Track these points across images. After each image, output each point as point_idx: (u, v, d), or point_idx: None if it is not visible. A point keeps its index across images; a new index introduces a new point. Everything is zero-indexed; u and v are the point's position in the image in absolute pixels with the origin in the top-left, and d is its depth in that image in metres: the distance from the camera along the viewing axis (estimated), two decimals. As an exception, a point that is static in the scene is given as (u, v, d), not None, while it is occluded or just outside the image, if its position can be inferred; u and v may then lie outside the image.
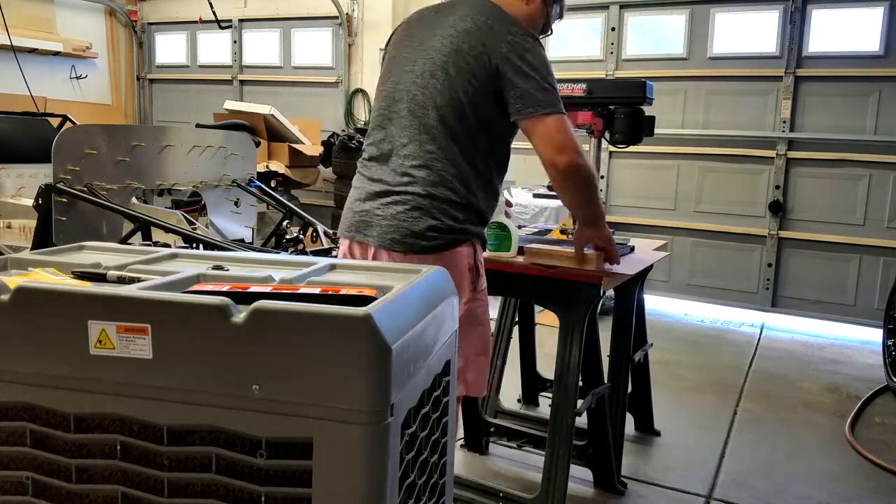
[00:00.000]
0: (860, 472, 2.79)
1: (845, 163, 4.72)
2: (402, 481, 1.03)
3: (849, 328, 4.77)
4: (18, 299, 1.00)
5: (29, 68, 5.69)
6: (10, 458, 1.04)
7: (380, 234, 1.84)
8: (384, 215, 1.84)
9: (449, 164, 1.84)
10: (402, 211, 1.82)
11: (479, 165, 1.89)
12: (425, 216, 1.81)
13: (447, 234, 1.82)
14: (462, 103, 1.84)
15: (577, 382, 2.18)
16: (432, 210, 1.81)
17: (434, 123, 1.85)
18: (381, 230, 1.84)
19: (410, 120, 1.88)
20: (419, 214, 1.81)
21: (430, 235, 1.80)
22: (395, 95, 1.94)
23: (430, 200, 1.82)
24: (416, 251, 1.80)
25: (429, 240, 1.80)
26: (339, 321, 0.91)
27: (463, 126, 1.85)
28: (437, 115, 1.85)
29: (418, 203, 1.82)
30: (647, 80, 2.53)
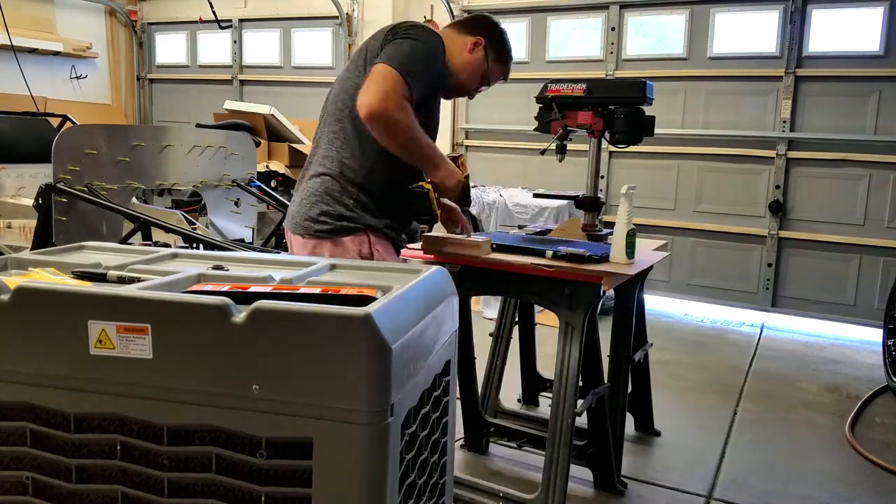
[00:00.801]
0: (860, 472, 2.79)
1: (845, 163, 4.72)
2: (402, 481, 1.03)
3: (849, 328, 4.76)
4: (18, 299, 1.00)
5: (29, 68, 5.69)
6: (10, 458, 1.04)
7: (289, 219, 2.10)
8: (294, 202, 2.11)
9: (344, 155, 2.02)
10: (303, 198, 2.06)
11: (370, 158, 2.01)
12: (319, 203, 2.01)
13: (338, 220, 1.99)
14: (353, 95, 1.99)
15: (577, 382, 2.18)
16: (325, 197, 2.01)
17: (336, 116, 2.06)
18: (290, 216, 2.10)
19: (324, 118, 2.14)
20: (314, 201, 2.02)
21: (322, 220, 2.00)
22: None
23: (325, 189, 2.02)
24: (311, 234, 2.00)
25: (321, 224, 1.99)
26: (339, 321, 0.91)
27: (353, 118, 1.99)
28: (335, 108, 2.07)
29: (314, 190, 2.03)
30: (647, 80, 2.53)
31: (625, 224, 2.19)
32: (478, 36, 2.17)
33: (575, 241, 2.40)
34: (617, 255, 2.19)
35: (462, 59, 2.15)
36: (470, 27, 2.20)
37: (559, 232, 2.65)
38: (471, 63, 2.16)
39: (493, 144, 5.81)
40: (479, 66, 2.18)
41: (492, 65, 2.19)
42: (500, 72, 2.25)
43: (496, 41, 2.20)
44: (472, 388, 2.71)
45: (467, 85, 2.22)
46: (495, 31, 2.21)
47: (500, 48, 2.21)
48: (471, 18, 2.27)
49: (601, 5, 5.36)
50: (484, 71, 2.19)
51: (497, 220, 4.99)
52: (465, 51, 2.15)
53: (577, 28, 5.56)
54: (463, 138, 5.92)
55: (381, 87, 1.85)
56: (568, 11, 5.53)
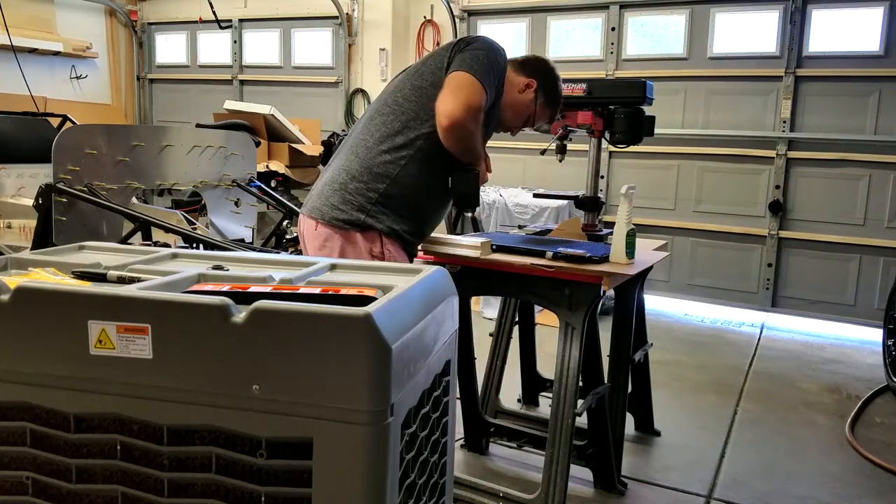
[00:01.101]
0: (860, 472, 2.79)
1: (845, 163, 4.72)
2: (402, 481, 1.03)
3: (849, 328, 4.76)
4: (18, 299, 1.00)
5: (29, 68, 5.69)
6: (10, 458, 1.04)
7: (308, 202, 2.12)
8: (316, 185, 2.14)
9: (381, 149, 2.04)
10: (326, 183, 2.08)
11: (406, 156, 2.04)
12: (342, 191, 2.03)
13: (356, 213, 2.00)
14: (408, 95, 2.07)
15: (577, 382, 2.18)
16: (348, 187, 2.03)
17: (382, 112, 2.09)
18: (309, 198, 2.12)
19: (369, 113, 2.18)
20: (337, 187, 2.04)
21: (341, 208, 2.01)
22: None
23: (350, 179, 2.04)
24: (326, 221, 2.02)
25: (339, 211, 2.01)
26: (339, 321, 0.91)
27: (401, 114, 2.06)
28: (383, 104, 2.11)
29: (340, 179, 2.05)
30: (647, 80, 2.53)
31: (625, 224, 2.19)
32: (531, 78, 2.20)
33: (575, 242, 2.40)
34: (617, 255, 2.19)
35: (512, 98, 2.18)
36: (525, 67, 2.23)
37: (559, 232, 2.65)
38: (520, 103, 2.20)
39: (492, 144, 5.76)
40: (527, 107, 2.22)
41: (539, 108, 2.23)
42: (546, 115, 2.28)
43: (549, 86, 2.23)
44: (472, 388, 2.71)
45: (511, 122, 2.25)
46: (549, 76, 2.24)
47: (552, 93, 2.25)
48: (528, 59, 2.28)
49: (601, 5, 5.36)
50: (530, 113, 2.23)
51: (497, 220, 4.99)
52: (515, 90, 2.18)
53: (577, 28, 5.56)
54: (463, 138, 5.91)
55: (466, 95, 1.93)
56: (568, 11, 5.53)
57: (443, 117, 1.94)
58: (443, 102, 1.95)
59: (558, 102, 2.29)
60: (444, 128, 1.95)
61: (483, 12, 5.85)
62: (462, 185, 2.12)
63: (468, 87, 1.94)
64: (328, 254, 2.01)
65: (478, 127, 2.01)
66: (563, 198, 3.43)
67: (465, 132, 1.97)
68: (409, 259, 2.14)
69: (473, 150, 2.06)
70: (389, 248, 2.04)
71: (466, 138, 2.00)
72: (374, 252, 2.01)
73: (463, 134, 1.97)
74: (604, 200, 3.89)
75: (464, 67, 1.96)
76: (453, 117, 1.93)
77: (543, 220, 4.80)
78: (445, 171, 2.09)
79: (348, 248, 2.00)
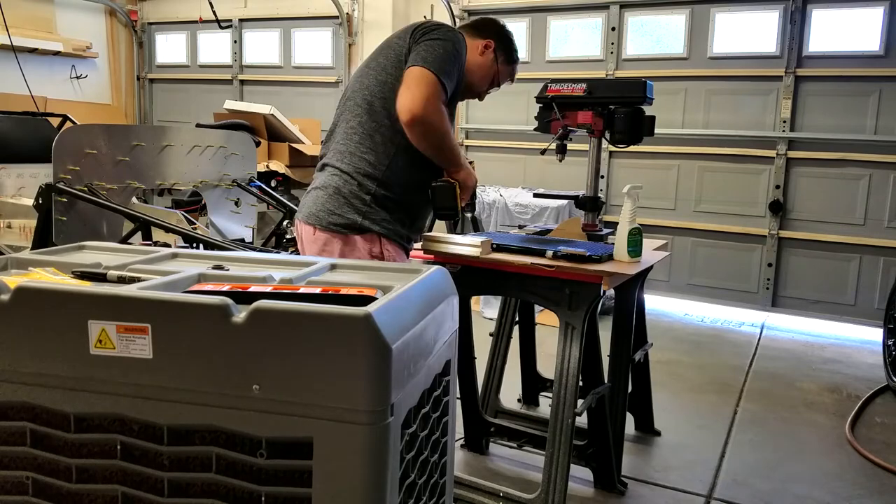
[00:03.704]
0: (860, 471, 2.79)
1: (845, 163, 4.72)
2: (402, 481, 1.03)
3: (849, 328, 4.76)
4: (18, 299, 1.00)
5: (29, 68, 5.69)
6: (10, 458, 1.04)
7: (303, 209, 2.10)
8: (309, 192, 2.12)
9: (362, 151, 2.04)
10: (319, 188, 2.07)
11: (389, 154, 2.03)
12: (337, 195, 2.02)
13: (352, 217, 2.00)
14: (375, 92, 2.04)
15: (577, 382, 2.18)
16: (342, 190, 2.02)
17: (354, 112, 2.09)
18: (304, 205, 2.11)
19: (341, 112, 2.18)
20: (331, 192, 2.03)
21: (338, 213, 2.01)
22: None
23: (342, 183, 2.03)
24: (323, 226, 2.01)
25: (337, 216, 2.00)
26: (339, 321, 0.91)
27: (373, 114, 2.04)
28: (353, 103, 2.10)
29: (332, 184, 2.04)
30: (647, 79, 2.53)
31: (628, 223, 2.20)
32: (487, 39, 2.22)
33: (575, 241, 2.40)
34: (619, 254, 2.19)
35: (474, 62, 2.20)
36: (479, 30, 2.24)
37: (559, 232, 2.65)
38: (482, 65, 2.22)
39: (493, 144, 5.81)
40: (490, 67, 2.23)
41: (501, 66, 2.25)
42: (507, 73, 2.30)
43: (505, 43, 2.25)
44: (472, 387, 2.71)
45: (478, 86, 2.26)
46: (503, 34, 2.26)
47: (509, 50, 2.27)
48: (480, 22, 2.29)
49: (601, 5, 5.35)
50: (494, 72, 2.25)
51: (497, 220, 4.99)
52: (476, 53, 2.20)
53: (577, 28, 5.56)
54: (463, 138, 5.92)
55: (421, 91, 1.91)
56: (568, 11, 5.53)
57: (402, 114, 1.92)
58: (401, 99, 1.93)
59: (516, 57, 2.31)
60: (405, 124, 1.93)
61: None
62: (438, 198, 2.10)
63: (422, 82, 1.92)
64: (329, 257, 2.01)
65: (443, 119, 1.97)
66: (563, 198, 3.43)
67: (429, 127, 1.94)
68: (406, 254, 2.15)
69: (446, 147, 2.02)
70: (388, 248, 2.04)
71: (433, 133, 1.96)
72: (374, 253, 2.02)
73: (427, 129, 1.94)
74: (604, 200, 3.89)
75: (418, 62, 1.94)
76: (413, 113, 1.90)
77: (543, 219, 4.80)
78: (430, 163, 2.07)
79: (348, 251, 2.01)
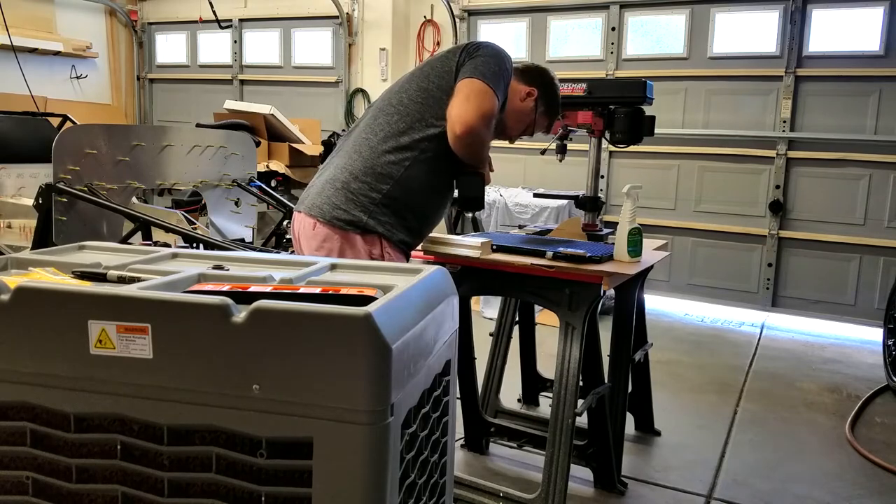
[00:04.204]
0: (860, 471, 2.79)
1: (845, 163, 4.72)
2: (402, 481, 1.03)
3: (849, 328, 4.77)
4: (18, 299, 1.00)
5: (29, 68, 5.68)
6: (10, 458, 1.04)
7: (305, 200, 2.08)
8: (315, 184, 2.11)
9: (384, 149, 2.02)
10: (328, 181, 2.05)
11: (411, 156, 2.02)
12: (344, 190, 2.00)
13: (357, 214, 1.98)
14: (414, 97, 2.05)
15: (578, 382, 2.18)
16: (350, 186, 2.00)
17: (387, 111, 2.07)
18: (307, 196, 2.09)
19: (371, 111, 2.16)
20: (339, 186, 2.02)
21: (343, 208, 1.98)
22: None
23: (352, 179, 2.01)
24: (327, 220, 1.99)
25: (341, 210, 1.98)
26: (339, 321, 0.91)
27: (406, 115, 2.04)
28: (387, 103, 2.09)
29: (341, 178, 2.03)
30: (647, 79, 2.53)
31: (628, 223, 2.20)
32: (532, 87, 2.20)
33: (575, 241, 2.40)
34: (619, 254, 2.19)
35: (513, 106, 2.18)
36: (526, 76, 2.22)
37: (559, 232, 2.65)
38: (520, 111, 2.21)
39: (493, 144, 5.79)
40: (527, 115, 2.22)
41: (539, 116, 2.24)
42: (544, 124, 2.29)
43: (549, 95, 2.24)
44: (472, 387, 2.71)
45: (510, 129, 2.25)
46: (549, 85, 2.25)
47: (552, 102, 2.26)
48: (530, 68, 2.27)
49: (601, 5, 5.36)
50: (531, 121, 2.23)
51: (497, 220, 4.99)
52: (517, 97, 2.18)
53: (576, 28, 5.56)
54: (463, 138, 5.91)
55: (478, 104, 1.93)
56: (568, 11, 5.53)
57: (457, 125, 1.93)
58: (457, 109, 1.94)
59: (557, 112, 2.31)
60: (457, 135, 1.94)
61: (483, 12, 5.85)
62: (468, 188, 2.12)
63: (481, 95, 1.94)
64: (325, 254, 1.98)
65: (490, 133, 2.02)
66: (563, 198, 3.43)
67: (478, 139, 1.98)
68: (407, 259, 2.14)
69: (482, 155, 2.08)
70: (389, 252, 2.02)
71: (478, 145, 2.00)
72: (374, 255, 2.00)
73: (475, 140, 1.97)
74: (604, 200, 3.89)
75: (476, 74, 1.96)
76: (468, 125, 1.92)
77: (543, 219, 4.80)
78: (448, 174, 2.09)
79: (347, 249, 1.98)
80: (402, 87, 2.10)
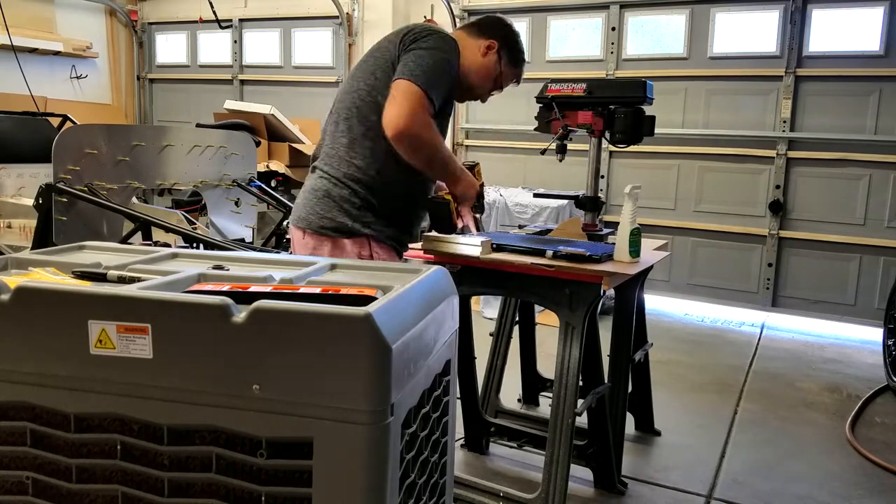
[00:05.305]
0: (860, 471, 2.79)
1: (845, 163, 4.72)
2: (403, 481, 1.03)
3: (849, 328, 4.76)
4: (18, 299, 1.00)
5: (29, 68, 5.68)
6: (10, 458, 1.04)
7: (293, 213, 2.10)
8: (299, 197, 2.12)
9: (351, 156, 2.01)
10: (308, 192, 2.06)
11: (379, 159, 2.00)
12: (326, 198, 2.01)
13: (341, 220, 1.98)
14: (364, 97, 2.01)
15: (578, 382, 2.18)
16: (330, 194, 2.01)
17: (344, 115, 2.05)
18: (294, 209, 2.11)
19: (332, 114, 2.13)
20: (320, 196, 2.02)
21: (328, 217, 1.99)
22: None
23: (331, 187, 2.02)
24: (313, 230, 2.00)
25: (326, 220, 1.99)
26: (339, 321, 0.91)
27: (362, 119, 2.01)
28: (343, 106, 2.06)
29: (320, 187, 2.04)
30: (647, 79, 2.53)
31: (629, 223, 2.20)
32: (491, 39, 2.14)
33: (575, 241, 2.40)
34: (620, 253, 2.20)
35: (474, 63, 2.12)
36: (483, 30, 2.16)
37: (559, 232, 2.65)
38: (483, 66, 2.13)
39: (493, 144, 5.81)
40: (492, 69, 2.15)
41: (504, 68, 2.17)
42: (512, 75, 2.22)
43: (510, 44, 2.17)
44: (472, 387, 2.71)
45: (478, 88, 2.19)
46: (509, 34, 2.18)
47: (514, 51, 2.18)
48: (484, 21, 2.22)
49: (601, 5, 5.35)
50: (496, 74, 2.16)
51: (497, 220, 4.99)
52: (477, 54, 2.12)
53: (577, 28, 5.56)
54: (463, 138, 5.92)
55: (407, 106, 1.85)
56: (568, 11, 5.53)
57: (388, 129, 1.86)
58: (386, 114, 1.88)
59: (522, 59, 2.22)
60: (391, 139, 1.88)
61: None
62: (433, 215, 2.13)
63: (410, 97, 1.86)
64: None
65: (432, 133, 1.92)
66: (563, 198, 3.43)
67: (416, 140, 1.89)
68: (399, 256, 2.14)
69: (437, 161, 1.99)
70: (378, 251, 2.02)
71: (421, 148, 1.92)
72: (363, 256, 2.00)
73: (414, 143, 1.89)
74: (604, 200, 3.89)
75: (406, 74, 1.88)
76: (398, 128, 1.85)
77: (543, 219, 4.80)
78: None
79: (337, 254, 1.99)
80: (353, 86, 2.05)
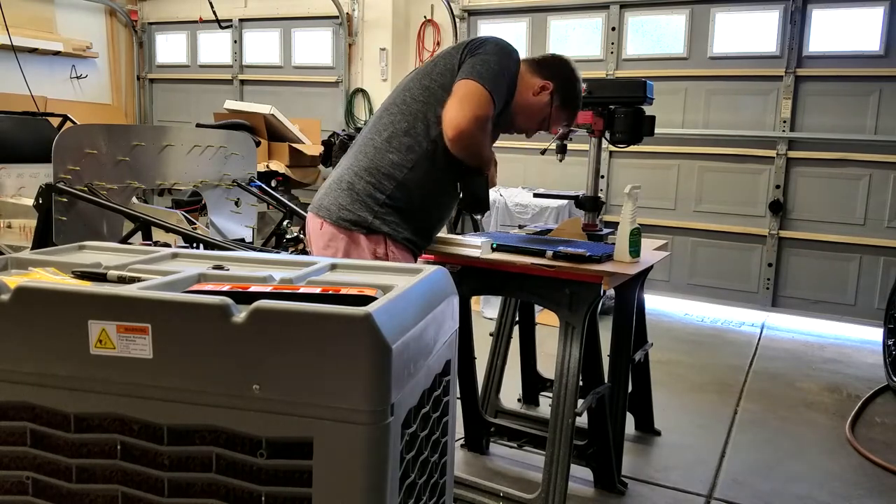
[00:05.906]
0: (860, 471, 2.79)
1: (845, 162, 4.72)
2: (403, 481, 1.03)
3: (849, 328, 4.76)
4: (19, 299, 1.00)
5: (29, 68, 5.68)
6: (10, 458, 1.04)
7: (315, 201, 2.10)
8: (324, 185, 2.12)
9: (389, 148, 2.03)
10: (335, 181, 2.07)
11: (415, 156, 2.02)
12: (350, 191, 2.02)
13: (362, 214, 1.98)
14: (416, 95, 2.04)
15: (578, 382, 2.18)
16: (356, 186, 2.01)
17: (390, 110, 2.07)
18: (317, 197, 2.11)
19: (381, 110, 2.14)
20: (346, 187, 2.03)
21: (349, 209, 1.99)
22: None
23: (358, 179, 2.02)
24: (333, 220, 2.00)
25: (347, 211, 1.99)
26: (339, 321, 0.91)
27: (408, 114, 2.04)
28: (391, 101, 2.09)
29: (348, 179, 2.04)
30: (647, 79, 2.53)
31: (629, 223, 2.20)
32: (547, 80, 2.12)
33: (575, 241, 2.40)
34: (620, 253, 2.20)
35: (525, 100, 2.11)
36: (543, 69, 2.14)
37: (559, 232, 2.65)
38: (531, 106, 2.13)
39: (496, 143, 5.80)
40: (540, 110, 2.13)
41: (555, 110, 2.15)
42: (563, 117, 2.20)
43: (566, 87, 2.14)
44: (472, 387, 2.71)
45: (522, 125, 2.18)
46: (568, 78, 2.15)
47: (569, 95, 2.16)
48: (547, 59, 2.18)
49: (601, 5, 5.35)
50: (545, 116, 2.15)
51: (497, 220, 4.99)
52: (529, 92, 2.11)
53: (577, 28, 5.56)
54: (463, 138, 5.91)
55: (472, 107, 1.88)
56: (568, 11, 5.53)
57: (449, 128, 1.90)
58: (449, 112, 1.91)
59: (577, 105, 2.20)
60: (450, 138, 1.92)
61: (483, 12, 5.85)
62: (472, 190, 2.10)
63: (475, 97, 1.90)
64: (332, 254, 1.99)
65: (486, 136, 1.98)
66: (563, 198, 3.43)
67: (472, 142, 1.94)
68: (414, 259, 2.13)
69: (481, 156, 2.04)
70: (394, 250, 2.01)
71: (474, 147, 1.97)
72: (378, 254, 2.00)
73: (469, 143, 1.94)
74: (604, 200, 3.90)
75: (472, 75, 1.92)
76: (459, 128, 1.89)
77: (543, 219, 4.80)
78: (453, 173, 2.07)
79: (352, 249, 1.99)
80: (407, 85, 2.09)
